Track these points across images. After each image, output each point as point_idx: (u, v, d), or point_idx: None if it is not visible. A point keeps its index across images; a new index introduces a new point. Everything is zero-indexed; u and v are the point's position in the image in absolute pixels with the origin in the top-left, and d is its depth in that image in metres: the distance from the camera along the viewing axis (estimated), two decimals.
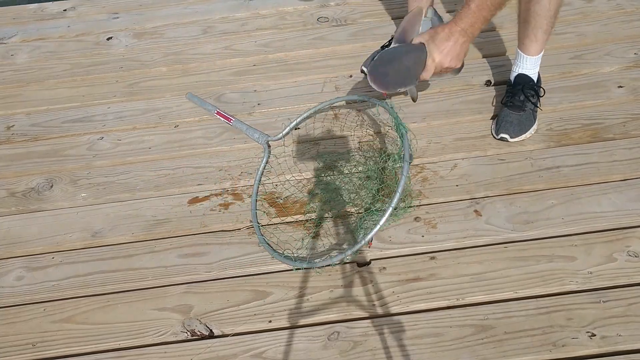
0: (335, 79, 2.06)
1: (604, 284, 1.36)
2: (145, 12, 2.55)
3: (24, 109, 2.10)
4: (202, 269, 1.50)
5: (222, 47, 2.29)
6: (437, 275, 1.42)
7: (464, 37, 1.45)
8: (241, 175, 1.74)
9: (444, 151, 1.73)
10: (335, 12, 2.40)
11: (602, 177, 1.60)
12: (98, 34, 2.44)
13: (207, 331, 1.37)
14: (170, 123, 1.96)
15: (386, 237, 1.51)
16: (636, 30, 2.10)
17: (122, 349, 1.36)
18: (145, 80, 2.17)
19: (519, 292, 1.37)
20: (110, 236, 1.61)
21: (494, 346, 1.27)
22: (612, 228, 1.47)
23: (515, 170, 1.64)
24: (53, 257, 1.57)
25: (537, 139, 1.73)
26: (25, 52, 2.39)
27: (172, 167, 1.80)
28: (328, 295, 1.41)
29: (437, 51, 1.47)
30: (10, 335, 1.41)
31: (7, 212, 1.72)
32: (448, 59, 1.48)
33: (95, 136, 1.94)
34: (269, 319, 1.38)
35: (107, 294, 1.47)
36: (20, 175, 1.84)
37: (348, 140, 1.80)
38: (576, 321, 1.29)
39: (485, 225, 1.51)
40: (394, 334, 1.31)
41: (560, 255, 1.42)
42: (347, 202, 1.60)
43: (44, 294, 1.49)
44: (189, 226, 1.61)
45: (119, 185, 1.76)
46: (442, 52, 1.47)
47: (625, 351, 1.24)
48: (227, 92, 2.06)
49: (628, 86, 1.87)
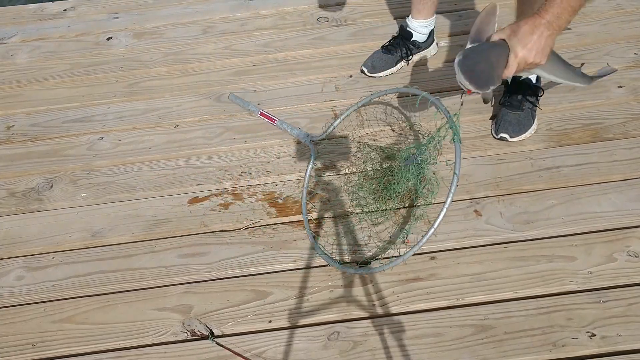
0: (335, 78, 2.06)
1: (604, 284, 1.36)
2: (145, 12, 2.55)
3: (24, 109, 2.10)
4: (202, 269, 1.50)
5: (222, 47, 2.29)
6: (437, 275, 1.42)
7: (549, 30, 1.34)
8: (241, 175, 1.74)
9: (444, 151, 1.72)
10: (335, 12, 2.40)
11: (602, 177, 1.60)
12: (98, 34, 2.44)
13: (207, 331, 1.37)
14: (170, 123, 1.96)
15: (386, 237, 1.51)
16: (636, 30, 2.10)
17: (122, 349, 1.36)
18: (145, 80, 2.17)
19: (519, 292, 1.37)
20: (110, 236, 1.61)
21: (494, 346, 1.27)
22: (612, 228, 1.47)
23: (515, 170, 1.64)
24: (53, 257, 1.57)
25: (537, 139, 1.73)
26: (25, 52, 2.39)
27: (172, 167, 1.80)
28: (328, 295, 1.41)
29: (520, 46, 1.35)
30: (10, 335, 1.41)
31: (7, 212, 1.72)
32: (532, 53, 1.36)
33: (95, 136, 1.94)
34: (269, 319, 1.38)
35: (107, 294, 1.47)
36: (20, 175, 1.84)
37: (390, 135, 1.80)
38: (576, 321, 1.29)
39: (485, 225, 1.51)
40: (394, 334, 1.31)
41: (560, 255, 1.42)
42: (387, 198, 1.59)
43: (44, 294, 1.49)
44: (189, 226, 1.61)
45: (119, 185, 1.76)
46: (526, 47, 1.35)
47: (625, 351, 1.24)
48: (227, 92, 2.06)
49: (628, 86, 1.87)
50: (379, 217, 1.56)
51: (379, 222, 1.55)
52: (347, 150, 1.78)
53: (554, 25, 1.34)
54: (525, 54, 1.36)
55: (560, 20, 1.34)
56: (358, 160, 1.73)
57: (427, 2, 1.96)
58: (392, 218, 1.56)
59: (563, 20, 1.34)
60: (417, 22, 2.01)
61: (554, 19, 1.33)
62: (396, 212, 1.57)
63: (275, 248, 1.53)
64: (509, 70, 1.38)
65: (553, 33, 1.35)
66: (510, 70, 1.39)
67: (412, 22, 2.02)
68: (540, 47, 1.35)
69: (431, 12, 2.00)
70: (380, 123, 1.84)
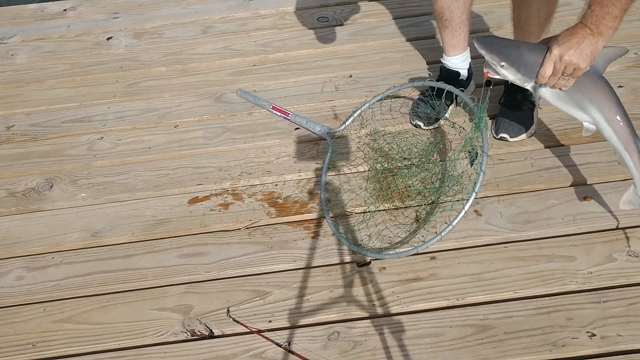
0: (335, 78, 2.06)
1: (604, 284, 1.36)
2: (145, 12, 2.55)
3: (24, 109, 2.10)
4: (201, 269, 1.50)
5: (221, 47, 2.29)
6: (437, 275, 1.42)
7: (592, 34, 1.28)
8: (241, 175, 1.74)
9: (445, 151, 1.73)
10: (335, 12, 2.40)
11: (602, 177, 1.60)
12: (98, 34, 2.44)
13: (207, 331, 1.37)
14: (170, 123, 1.96)
15: (386, 237, 1.51)
16: (636, 30, 2.09)
17: (122, 349, 1.36)
18: (145, 80, 2.17)
19: (519, 292, 1.37)
20: (110, 236, 1.61)
21: (494, 346, 1.27)
22: (612, 228, 1.47)
23: (515, 170, 1.64)
24: (53, 257, 1.57)
25: (537, 139, 1.73)
26: (25, 52, 2.39)
27: (172, 167, 1.80)
28: (328, 295, 1.41)
29: (556, 44, 1.31)
30: (10, 335, 1.41)
31: (7, 212, 1.72)
32: (568, 51, 1.30)
33: (95, 136, 1.94)
34: (269, 319, 1.38)
35: (107, 294, 1.47)
36: (20, 175, 1.84)
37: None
38: (576, 321, 1.29)
39: (485, 225, 1.51)
40: (394, 334, 1.31)
41: (560, 255, 1.42)
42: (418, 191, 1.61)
43: (44, 294, 1.49)
44: (189, 226, 1.61)
45: (119, 185, 1.76)
46: (561, 45, 1.30)
47: (625, 351, 1.24)
48: (226, 92, 2.06)
49: (628, 86, 1.86)
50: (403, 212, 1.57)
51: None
52: (362, 146, 1.77)
53: (595, 31, 1.29)
54: (561, 51, 1.31)
55: (603, 25, 1.28)
56: (378, 154, 1.72)
57: (459, 33, 1.76)
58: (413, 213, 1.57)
59: (606, 25, 1.28)
60: (455, 58, 1.81)
61: (593, 25, 1.29)
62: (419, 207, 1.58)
63: (275, 248, 1.53)
64: (544, 68, 1.34)
65: (598, 38, 1.29)
66: (545, 68, 1.34)
67: (450, 59, 1.81)
68: (578, 46, 1.30)
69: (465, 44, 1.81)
70: (396, 116, 1.83)
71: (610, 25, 1.28)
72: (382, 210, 1.58)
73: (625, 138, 1.37)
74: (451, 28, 1.74)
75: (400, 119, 1.83)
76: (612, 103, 1.37)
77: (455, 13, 1.70)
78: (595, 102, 1.38)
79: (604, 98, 1.38)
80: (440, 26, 1.77)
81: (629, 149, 1.36)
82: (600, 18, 1.27)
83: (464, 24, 1.73)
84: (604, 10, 1.26)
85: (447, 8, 1.69)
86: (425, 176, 1.64)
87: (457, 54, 1.80)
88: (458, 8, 1.69)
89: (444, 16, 1.72)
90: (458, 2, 1.68)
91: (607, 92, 1.38)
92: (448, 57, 1.81)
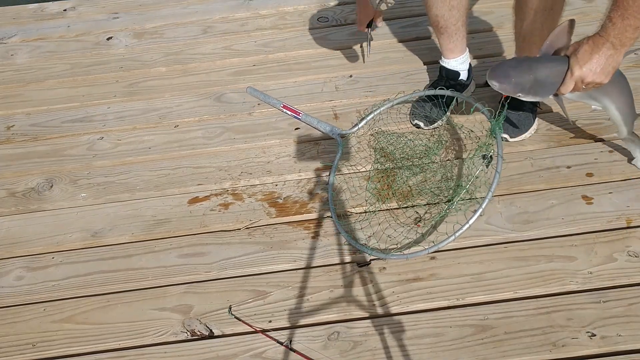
0: (335, 78, 2.06)
1: (604, 284, 1.36)
2: (145, 12, 2.55)
3: (24, 109, 2.10)
4: (201, 269, 1.50)
5: (221, 47, 2.29)
6: (437, 275, 1.42)
7: (611, 49, 1.29)
8: (241, 175, 1.74)
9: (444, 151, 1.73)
10: (335, 12, 2.40)
11: (602, 177, 1.60)
12: (98, 34, 2.44)
13: (207, 331, 1.37)
14: (170, 123, 1.96)
15: (386, 237, 1.51)
16: None
17: (122, 349, 1.36)
18: (145, 80, 2.17)
19: (519, 292, 1.37)
20: (110, 236, 1.61)
21: (494, 346, 1.27)
22: (612, 228, 1.47)
23: (515, 170, 1.64)
24: (53, 257, 1.57)
25: (537, 139, 1.73)
26: (25, 52, 2.39)
27: (172, 167, 1.80)
28: (328, 295, 1.41)
29: (578, 65, 1.32)
30: (10, 335, 1.41)
31: (7, 212, 1.72)
32: (591, 73, 1.32)
33: (95, 136, 1.94)
34: (269, 319, 1.38)
35: (107, 294, 1.47)
36: (20, 175, 1.84)
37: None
38: (576, 321, 1.29)
39: (485, 225, 1.51)
40: (394, 334, 1.31)
41: (560, 255, 1.42)
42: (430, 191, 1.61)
43: (44, 294, 1.49)
44: (189, 226, 1.61)
45: (118, 185, 1.76)
46: (583, 67, 1.32)
47: (625, 351, 1.24)
48: (227, 92, 2.06)
49: None
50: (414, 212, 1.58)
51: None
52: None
53: (616, 44, 1.28)
54: (583, 74, 1.32)
55: (624, 37, 1.27)
56: (389, 154, 1.72)
57: (456, 38, 1.75)
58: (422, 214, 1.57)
59: (627, 37, 1.27)
60: (454, 60, 1.81)
61: (614, 38, 1.28)
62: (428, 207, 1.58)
63: (275, 248, 1.53)
64: (565, 87, 1.36)
65: (617, 52, 1.29)
66: (566, 87, 1.36)
67: (449, 62, 1.81)
68: (600, 66, 1.31)
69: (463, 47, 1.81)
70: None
71: (632, 36, 1.27)
72: (384, 210, 1.58)
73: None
74: (447, 34, 1.74)
75: (401, 118, 1.83)
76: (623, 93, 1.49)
77: (450, 21, 1.70)
78: (608, 95, 1.47)
79: (616, 90, 1.48)
80: (436, 32, 1.78)
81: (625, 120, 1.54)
82: (623, 31, 1.26)
83: (460, 29, 1.73)
84: (626, 22, 1.25)
85: (442, 17, 1.69)
86: (437, 176, 1.64)
87: (456, 57, 1.80)
88: (453, 16, 1.69)
89: (439, 24, 1.72)
90: (452, 11, 1.67)
91: (620, 83, 1.47)
92: (447, 59, 1.81)
